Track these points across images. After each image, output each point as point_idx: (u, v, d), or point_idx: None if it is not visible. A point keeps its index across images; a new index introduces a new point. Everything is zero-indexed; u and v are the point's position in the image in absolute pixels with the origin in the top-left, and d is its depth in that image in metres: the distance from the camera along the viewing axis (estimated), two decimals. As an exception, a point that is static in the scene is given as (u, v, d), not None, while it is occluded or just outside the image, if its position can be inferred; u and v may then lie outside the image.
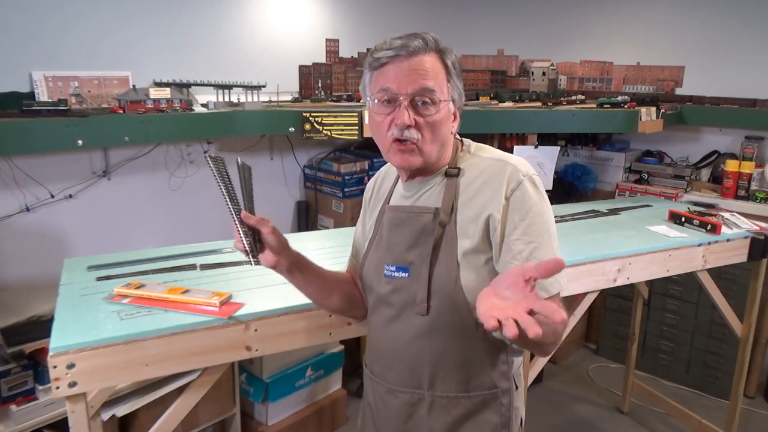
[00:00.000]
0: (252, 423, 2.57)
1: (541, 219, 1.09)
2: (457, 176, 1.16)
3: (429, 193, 1.18)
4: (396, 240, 1.19)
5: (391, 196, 1.27)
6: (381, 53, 1.10)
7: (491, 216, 1.09)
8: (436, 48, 1.11)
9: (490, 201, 1.09)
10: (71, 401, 1.22)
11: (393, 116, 1.09)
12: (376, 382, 1.26)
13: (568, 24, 3.92)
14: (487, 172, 1.13)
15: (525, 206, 1.08)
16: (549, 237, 1.10)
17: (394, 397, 1.22)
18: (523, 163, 1.14)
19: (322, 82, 3.24)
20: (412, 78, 1.08)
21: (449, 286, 1.11)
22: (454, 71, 1.14)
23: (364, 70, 1.17)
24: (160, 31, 2.67)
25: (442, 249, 1.12)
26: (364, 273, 1.28)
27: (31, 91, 2.27)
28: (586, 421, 2.94)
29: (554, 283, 1.09)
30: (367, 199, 1.37)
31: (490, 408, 1.19)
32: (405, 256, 1.17)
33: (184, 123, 2.43)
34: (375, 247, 1.26)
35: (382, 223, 1.25)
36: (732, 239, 2.16)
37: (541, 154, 2.88)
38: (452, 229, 1.12)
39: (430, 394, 1.18)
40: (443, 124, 1.12)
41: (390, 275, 1.19)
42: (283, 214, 3.39)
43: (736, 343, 2.49)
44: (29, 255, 2.37)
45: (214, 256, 1.80)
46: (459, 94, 1.16)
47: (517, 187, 1.09)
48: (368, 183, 1.40)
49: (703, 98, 3.35)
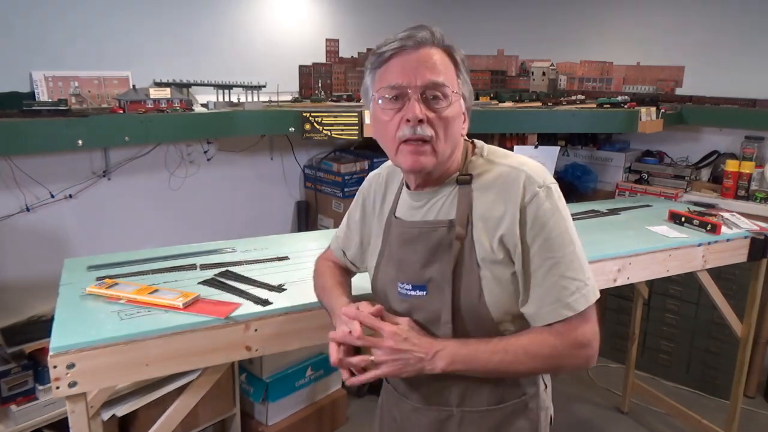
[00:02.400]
0: (252, 423, 2.57)
1: (557, 232, 1.02)
2: (470, 183, 1.07)
3: (441, 203, 1.09)
4: (409, 258, 1.11)
5: (397, 206, 1.18)
6: (385, 47, 1.02)
7: (509, 232, 1.02)
8: (443, 42, 1.04)
9: (504, 215, 1.02)
10: (71, 401, 1.22)
11: (402, 113, 1.01)
12: (402, 400, 1.21)
13: (568, 24, 3.92)
14: (500, 181, 1.05)
15: (540, 221, 1.01)
16: (568, 250, 1.03)
17: (422, 415, 1.17)
18: (539, 170, 1.05)
19: (322, 82, 3.24)
20: (420, 71, 1.00)
21: (473, 303, 1.04)
22: (464, 68, 1.07)
23: (365, 71, 1.09)
24: (161, 31, 2.67)
25: (462, 264, 1.05)
26: (378, 287, 1.20)
27: (31, 91, 2.27)
28: (586, 421, 2.94)
29: (579, 298, 1.02)
30: (368, 197, 1.28)
31: (521, 416, 1.15)
32: (421, 274, 1.09)
33: (184, 123, 2.43)
34: (386, 263, 1.18)
35: (390, 237, 1.17)
36: (732, 239, 2.16)
37: (541, 154, 2.88)
38: (470, 242, 1.05)
39: (460, 411, 1.14)
40: (456, 121, 1.04)
41: (405, 294, 1.11)
42: (283, 214, 3.40)
43: (736, 343, 2.49)
44: (29, 255, 2.37)
45: (214, 256, 1.80)
46: (469, 92, 1.09)
47: (532, 199, 1.01)
48: (368, 179, 1.31)
49: (703, 98, 3.35)
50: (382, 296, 1.18)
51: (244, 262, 1.74)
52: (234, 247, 1.87)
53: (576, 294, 1.02)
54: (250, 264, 1.72)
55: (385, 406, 1.31)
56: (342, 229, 1.38)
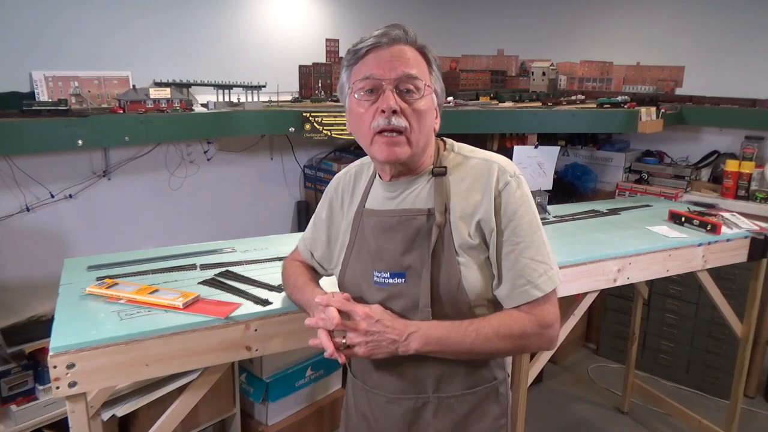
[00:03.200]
0: (252, 423, 2.57)
1: (527, 219, 1.09)
2: (445, 175, 1.13)
3: (416, 193, 1.13)
4: (387, 246, 1.13)
5: (367, 199, 1.21)
6: (360, 45, 1.08)
7: (485, 217, 1.08)
8: (416, 41, 1.09)
9: (481, 202, 1.09)
10: (71, 401, 1.22)
11: (377, 105, 1.05)
12: (373, 393, 1.22)
13: (568, 24, 3.92)
14: (474, 172, 1.12)
15: (512, 207, 1.08)
16: (536, 235, 1.10)
17: (397, 405, 1.18)
18: (508, 162, 1.13)
19: (322, 82, 3.24)
20: (394, 65, 1.05)
21: (452, 288, 1.09)
22: (435, 65, 1.12)
23: (341, 69, 1.13)
24: (160, 31, 2.68)
25: (441, 251, 1.10)
26: (346, 282, 1.21)
27: (31, 91, 2.27)
28: (586, 421, 2.94)
29: (547, 280, 1.09)
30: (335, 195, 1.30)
31: (491, 399, 1.20)
32: (400, 262, 1.12)
33: (184, 123, 2.43)
34: (357, 255, 1.19)
35: (361, 229, 1.18)
36: (732, 239, 2.16)
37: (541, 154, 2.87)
38: (448, 229, 1.10)
39: (436, 397, 1.17)
40: (429, 114, 1.09)
41: (383, 282, 1.13)
42: (283, 214, 3.40)
43: (736, 343, 2.49)
44: (29, 255, 2.37)
45: (214, 256, 1.80)
46: (441, 89, 1.14)
47: (505, 187, 1.08)
48: (336, 178, 1.32)
49: (703, 98, 3.35)
50: (354, 290, 1.19)
51: (244, 262, 1.74)
52: (234, 247, 1.88)
53: (544, 276, 1.09)
54: (250, 264, 1.73)
55: (352, 405, 1.30)
56: (309, 230, 1.38)
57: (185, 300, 1.39)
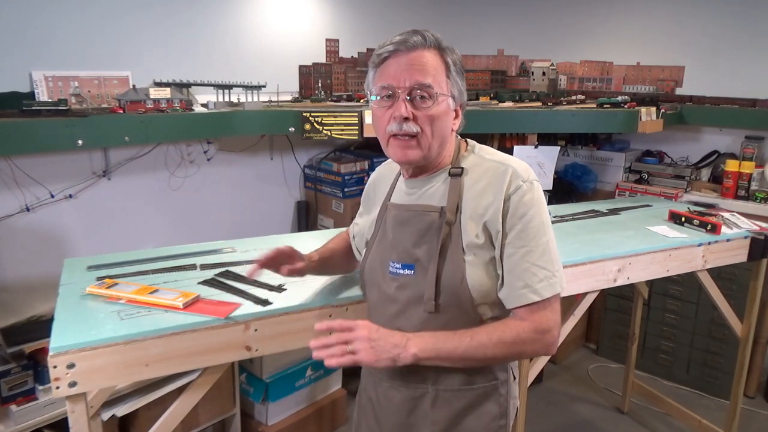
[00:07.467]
0: (252, 423, 2.57)
1: (534, 223, 1.12)
2: (461, 176, 1.18)
3: (433, 191, 1.20)
4: (401, 237, 1.21)
5: (392, 193, 1.29)
6: (382, 49, 1.14)
7: (492, 219, 1.12)
8: (436, 45, 1.14)
9: (491, 204, 1.13)
10: (71, 401, 1.22)
11: (392, 111, 1.13)
12: (379, 377, 1.28)
13: (568, 24, 3.92)
14: (489, 174, 1.16)
15: (520, 211, 1.12)
16: (542, 241, 1.13)
17: (397, 392, 1.25)
18: (524, 167, 1.16)
19: (322, 82, 3.24)
20: (409, 72, 1.11)
21: (455, 284, 1.13)
22: (454, 68, 1.17)
23: (368, 67, 1.20)
24: (160, 32, 2.68)
25: (449, 247, 1.15)
26: (366, 269, 1.30)
27: (31, 91, 2.27)
28: (586, 421, 2.94)
29: (547, 286, 1.12)
30: (368, 194, 1.41)
31: (491, 399, 1.23)
32: (411, 254, 1.19)
33: (184, 123, 2.43)
34: (378, 244, 1.28)
35: (385, 220, 1.27)
36: (732, 239, 2.16)
37: (541, 154, 2.88)
38: (457, 227, 1.15)
39: (434, 389, 1.22)
40: (442, 119, 1.15)
41: (395, 272, 1.21)
42: (283, 214, 3.40)
43: (736, 343, 2.49)
44: (29, 255, 2.37)
45: (214, 256, 1.80)
46: (459, 91, 1.18)
47: (515, 191, 1.12)
48: (376, 170, 1.44)
49: (703, 98, 3.35)
50: (371, 277, 1.28)
51: (244, 262, 1.73)
52: (234, 247, 1.88)
53: (544, 282, 1.12)
54: (250, 264, 1.72)
55: (362, 387, 1.39)
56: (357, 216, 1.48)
57: (185, 300, 1.39)
